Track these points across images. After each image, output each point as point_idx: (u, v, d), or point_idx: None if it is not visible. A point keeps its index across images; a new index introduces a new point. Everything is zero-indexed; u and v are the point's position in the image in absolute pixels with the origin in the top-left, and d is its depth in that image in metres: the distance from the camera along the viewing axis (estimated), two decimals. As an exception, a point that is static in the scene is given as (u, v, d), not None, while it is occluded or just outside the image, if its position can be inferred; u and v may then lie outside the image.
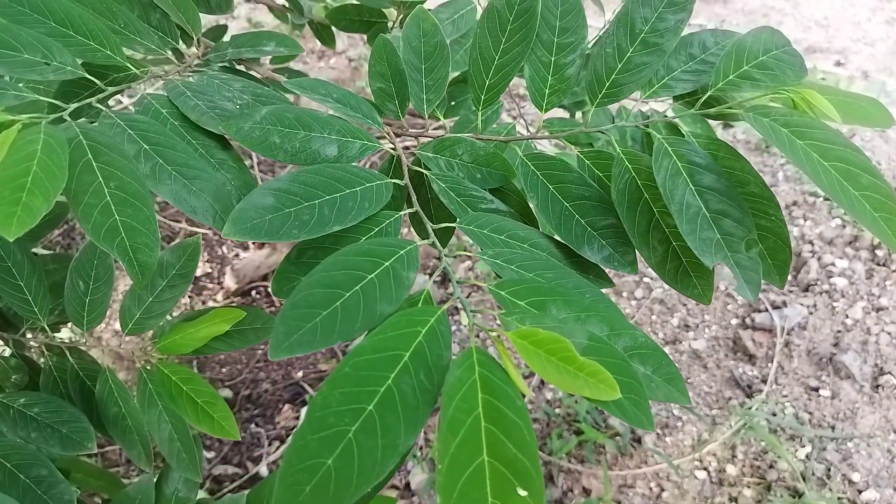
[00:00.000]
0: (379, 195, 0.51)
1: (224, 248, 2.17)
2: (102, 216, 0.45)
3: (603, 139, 0.61)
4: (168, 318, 0.70)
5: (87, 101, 0.53)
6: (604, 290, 0.52)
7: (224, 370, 1.91)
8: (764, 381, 1.56)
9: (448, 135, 0.60)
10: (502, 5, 0.56)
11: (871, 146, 2.45)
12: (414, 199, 0.55)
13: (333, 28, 1.06)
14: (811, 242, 1.81)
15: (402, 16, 0.98)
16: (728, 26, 3.78)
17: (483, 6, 0.95)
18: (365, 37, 1.02)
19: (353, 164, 0.55)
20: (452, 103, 0.73)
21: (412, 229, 0.56)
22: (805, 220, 1.89)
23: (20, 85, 0.50)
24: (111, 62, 0.57)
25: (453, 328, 1.76)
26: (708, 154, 0.52)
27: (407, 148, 0.63)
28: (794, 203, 2.01)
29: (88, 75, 0.53)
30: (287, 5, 0.93)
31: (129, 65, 0.58)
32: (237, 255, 2.16)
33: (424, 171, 0.57)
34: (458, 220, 0.52)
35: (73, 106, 0.52)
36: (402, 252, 0.46)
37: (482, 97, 0.58)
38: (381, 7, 0.94)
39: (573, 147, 0.58)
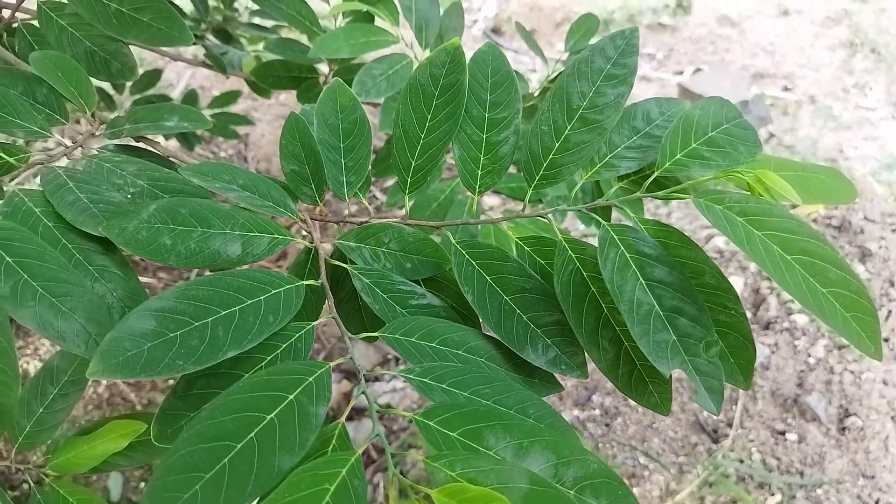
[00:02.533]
0: (287, 305, 0.44)
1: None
2: (-57, 354, 0.38)
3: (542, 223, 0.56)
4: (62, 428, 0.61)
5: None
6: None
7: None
8: (729, 425, 1.51)
9: (372, 221, 0.53)
10: (426, 79, 0.50)
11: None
12: (331, 303, 0.48)
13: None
14: (769, 279, 1.80)
15: (333, 70, 0.92)
16: (676, 55, 3.85)
17: (420, 60, 0.90)
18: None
19: (261, 261, 0.48)
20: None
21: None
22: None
23: None
24: (-23, 152, 0.49)
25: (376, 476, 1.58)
26: (658, 243, 0.46)
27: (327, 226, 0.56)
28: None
29: (-59, 172, 0.46)
30: (208, 62, 0.86)
31: (3, 155, 0.50)
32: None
33: (346, 266, 0.50)
34: (381, 328, 0.45)
35: None
36: (309, 380, 0.39)
37: (408, 179, 0.52)
38: (310, 63, 0.88)
39: (511, 233, 0.52)
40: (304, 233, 0.53)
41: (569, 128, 0.49)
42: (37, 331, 0.41)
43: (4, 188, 0.51)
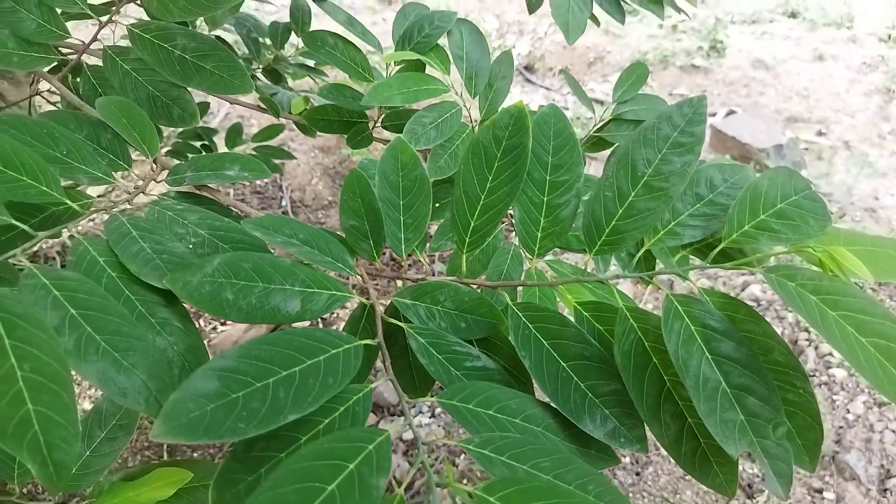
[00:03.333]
0: (346, 366, 0.44)
1: (201, 321, 2.06)
2: (12, 407, 0.38)
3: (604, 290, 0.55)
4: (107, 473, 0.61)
5: (11, 253, 0.46)
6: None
7: (195, 454, 1.81)
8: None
9: (429, 279, 0.53)
10: (489, 140, 0.50)
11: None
12: (387, 363, 0.47)
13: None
14: (807, 330, 1.76)
15: (383, 115, 0.93)
16: (709, 97, 3.84)
17: (469, 108, 0.90)
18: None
19: (320, 316, 0.48)
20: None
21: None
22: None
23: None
24: (46, 199, 0.50)
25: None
26: (724, 316, 0.45)
27: (378, 284, 0.56)
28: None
29: (15, 220, 0.46)
30: (262, 105, 0.88)
31: (67, 200, 0.51)
32: (214, 329, 2.07)
33: (402, 325, 0.50)
34: (440, 393, 0.45)
35: (-8, 262, 0.44)
36: (370, 448, 0.38)
37: (467, 240, 0.51)
38: (361, 108, 0.89)
39: (570, 296, 0.51)
40: (360, 287, 0.53)
41: (633, 194, 0.48)
42: (99, 387, 0.41)
43: (69, 234, 0.51)
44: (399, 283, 0.56)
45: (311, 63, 1.33)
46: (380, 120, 0.93)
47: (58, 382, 0.39)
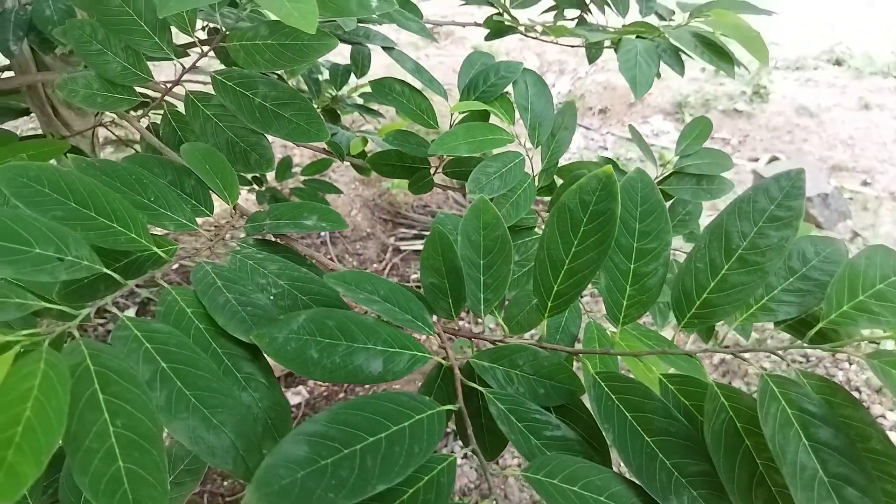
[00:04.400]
0: (431, 433, 0.43)
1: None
2: (104, 464, 0.38)
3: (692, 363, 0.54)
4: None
5: (104, 301, 0.46)
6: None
7: (225, 483, 1.80)
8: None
9: (508, 342, 0.52)
10: (575, 204, 0.50)
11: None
12: (470, 432, 0.47)
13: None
14: (858, 390, 1.69)
15: (444, 162, 0.93)
16: (752, 142, 3.80)
17: (531, 157, 0.90)
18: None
19: (401, 377, 0.47)
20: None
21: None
22: (850, 364, 1.78)
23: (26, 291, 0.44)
24: (135, 246, 0.51)
25: None
26: (822, 400, 0.44)
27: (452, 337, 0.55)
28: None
29: (107, 269, 0.47)
30: (328, 149, 0.89)
31: (154, 248, 0.52)
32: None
33: (481, 389, 0.49)
34: (524, 467, 0.43)
35: (84, 312, 0.45)
36: (460, 525, 0.37)
37: (549, 304, 0.51)
38: (424, 155, 0.90)
39: (654, 367, 0.50)
40: (440, 352, 0.52)
41: (727, 267, 0.47)
42: (188, 445, 0.41)
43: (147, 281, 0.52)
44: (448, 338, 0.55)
45: (364, 102, 1.35)
46: (441, 166, 0.94)
47: (149, 440, 0.39)
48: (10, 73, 1.17)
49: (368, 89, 1.28)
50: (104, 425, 0.39)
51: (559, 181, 0.96)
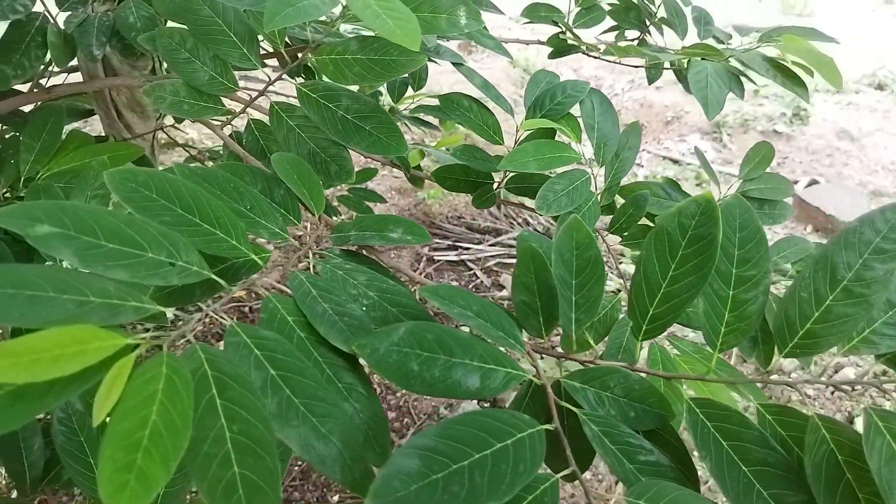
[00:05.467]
0: (533, 452, 0.43)
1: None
2: (221, 469, 0.38)
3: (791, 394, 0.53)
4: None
5: (211, 307, 0.47)
6: None
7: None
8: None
9: (599, 363, 0.52)
10: (673, 228, 0.50)
11: None
12: (569, 453, 0.47)
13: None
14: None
15: (507, 177, 0.94)
16: (791, 164, 3.76)
17: (597, 176, 0.90)
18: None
19: (497, 395, 0.48)
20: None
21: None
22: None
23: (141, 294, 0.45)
24: (235, 253, 0.52)
25: None
26: (931, 436, 0.43)
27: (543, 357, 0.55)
28: None
29: (214, 275, 0.48)
30: (396, 161, 0.90)
31: (252, 255, 0.53)
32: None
33: (575, 410, 0.49)
34: (626, 492, 0.43)
35: (196, 317, 0.46)
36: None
37: (643, 327, 0.51)
38: (490, 171, 0.90)
39: (751, 397, 0.50)
40: (531, 370, 0.52)
41: (831, 298, 0.47)
42: (299, 453, 0.41)
43: (230, 286, 0.53)
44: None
45: (421, 115, 1.36)
46: (504, 182, 0.94)
47: (263, 446, 0.39)
48: (75, 75, 1.20)
49: (424, 102, 1.30)
50: (221, 430, 0.39)
51: (620, 201, 0.96)
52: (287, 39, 0.96)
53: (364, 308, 0.53)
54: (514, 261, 2.88)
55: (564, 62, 4.72)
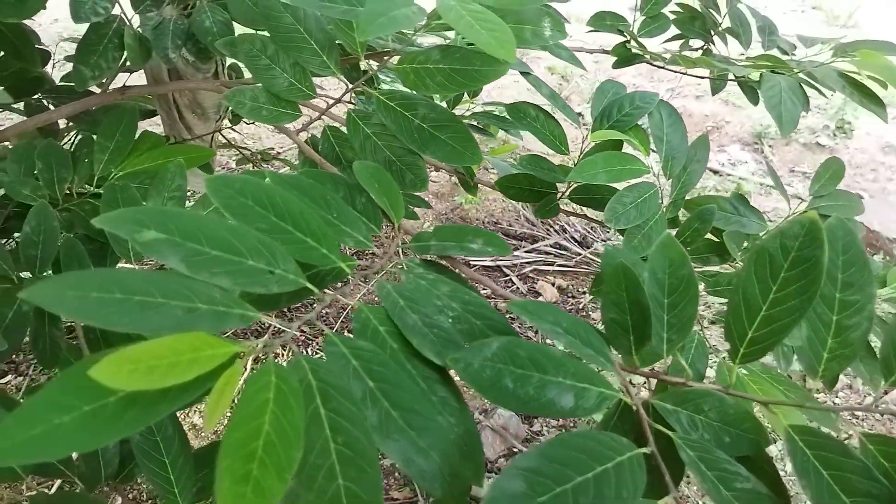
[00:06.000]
0: (634, 478, 0.42)
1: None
2: (326, 481, 0.38)
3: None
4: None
5: (307, 316, 0.47)
6: None
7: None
8: None
9: (692, 385, 0.51)
10: (775, 249, 0.49)
11: None
12: (668, 478, 0.46)
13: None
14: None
15: (569, 188, 0.93)
16: (834, 178, 3.67)
17: (662, 188, 0.89)
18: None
19: (590, 415, 0.47)
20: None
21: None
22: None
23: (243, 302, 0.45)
24: (325, 262, 0.52)
25: None
26: None
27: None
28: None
29: (309, 284, 0.48)
30: (460, 169, 0.90)
31: (341, 263, 0.53)
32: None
33: (670, 433, 0.48)
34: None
35: (295, 325, 0.46)
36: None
37: (741, 350, 0.49)
38: (555, 181, 0.89)
39: (854, 427, 0.48)
40: (621, 389, 0.51)
41: (945, 328, 0.45)
42: (401, 466, 0.41)
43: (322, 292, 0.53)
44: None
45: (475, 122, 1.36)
46: (566, 192, 0.93)
47: (366, 459, 0.39)
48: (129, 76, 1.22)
49: (479, 109, 1.29)
50: (326, 442, 0.39)
51: (685, 215, 0.95)
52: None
53: (451, 320, 0.53)
54: (549, 267, 2.86)
55: (602, 69, 4.69)
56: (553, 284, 2.65)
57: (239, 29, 0.87)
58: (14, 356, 1.83)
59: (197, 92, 1.22)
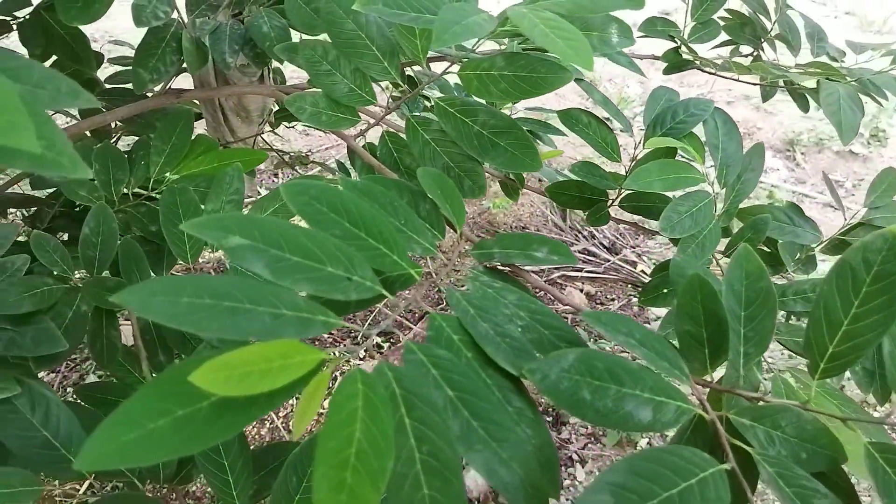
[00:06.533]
0: (718, 493, 0.41)
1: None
2: (412, 490, 0.38)
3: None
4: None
5: (379, 328, 0.47)
6: None
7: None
8: None
9: (770, 401, 0.50)
10: (857, 263, 0.48)
11: None
12: (750, 494, 0.45)
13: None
14: None
15: (619, 196, 0.92)
16: (866, 186, 3.61)
17: (716, 197, 0.88)
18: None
19: (667, 429, 0.46)
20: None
21: None
22: None
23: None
24: (396, 269, 0.52)
25: None
26: None
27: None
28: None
29: (384, 290, 0.48)
30: (511, 177, 0.90)
31: (411, 270, 0.53)
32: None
33: (749, 449, 0.47)
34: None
35: (374, 332, 0.46)
36: None
37: (821, 365, 0.48)
38: (607, 188, 0.89)
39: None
40: (697, 403, 0.51)
41: None
42: (485, 477, 0.41)
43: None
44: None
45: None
46: (617, 199, 0.93)
47: (450, 468, 0.39)
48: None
49: (521, 115, 1.29)
50: (411, 451, 0.39)
51: (737, 224, 0.93)
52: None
53: (519, 329, 0.52)
54: (578, 273, 2.84)
55: (631, 75, 4.65)
56: (581, 290, 2.64)
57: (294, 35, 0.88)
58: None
59: (243, 96, 1.23)
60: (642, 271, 2.72)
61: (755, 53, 1.12)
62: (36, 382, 0.63)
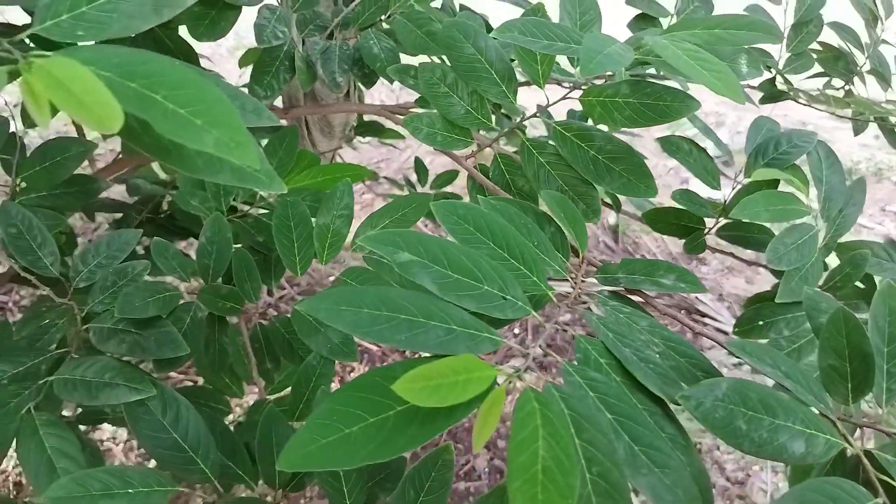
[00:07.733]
0: (884, 531, 0.41)
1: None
2: (583, 511, 0.39)
3: None
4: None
5: (535, 344, 0.48)
6: None
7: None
8: None
9: (917, 439, 0.50)
10: None
11: None
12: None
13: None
14: None
15: (716, 224, 0.92)
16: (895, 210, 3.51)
17: (818, 230, 0.87)
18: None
19: (819, 461, 0.46)
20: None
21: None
22: None
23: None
24: (535, 290, 0.53)
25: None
26: None
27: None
28: None
29: (534, 311, 0.49)
30: (608, 201, 0.91)
31: (548, 291, 0.54)
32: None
33: (892, 482, 0.47)
34: None
35: (532, 352, 0.47)
36: None
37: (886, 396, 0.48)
38: (705, 217, 0.89)
39: None
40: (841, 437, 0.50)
41: None
42: (651, 501, 0.41)
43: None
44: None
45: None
46: (714, 227, 0.92)
47: (618, 491, 0.40)
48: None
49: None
50: (582, 472, 0.40)
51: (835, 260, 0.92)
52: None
53: (657, 355, 0.53)
54: (631, 296, 2.82)
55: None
56: (635, 316, 2.60)
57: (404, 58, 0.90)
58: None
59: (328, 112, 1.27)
60: (697, 298, 2.69)
61: (847, 88, 1.11)
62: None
